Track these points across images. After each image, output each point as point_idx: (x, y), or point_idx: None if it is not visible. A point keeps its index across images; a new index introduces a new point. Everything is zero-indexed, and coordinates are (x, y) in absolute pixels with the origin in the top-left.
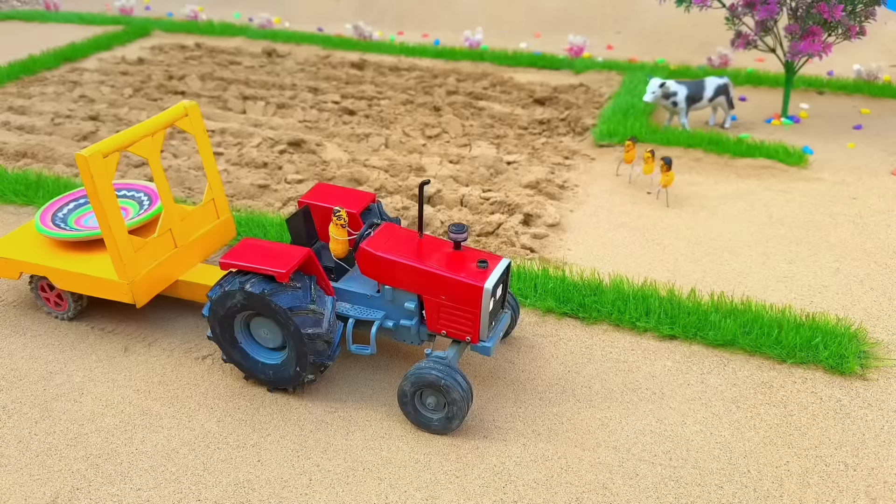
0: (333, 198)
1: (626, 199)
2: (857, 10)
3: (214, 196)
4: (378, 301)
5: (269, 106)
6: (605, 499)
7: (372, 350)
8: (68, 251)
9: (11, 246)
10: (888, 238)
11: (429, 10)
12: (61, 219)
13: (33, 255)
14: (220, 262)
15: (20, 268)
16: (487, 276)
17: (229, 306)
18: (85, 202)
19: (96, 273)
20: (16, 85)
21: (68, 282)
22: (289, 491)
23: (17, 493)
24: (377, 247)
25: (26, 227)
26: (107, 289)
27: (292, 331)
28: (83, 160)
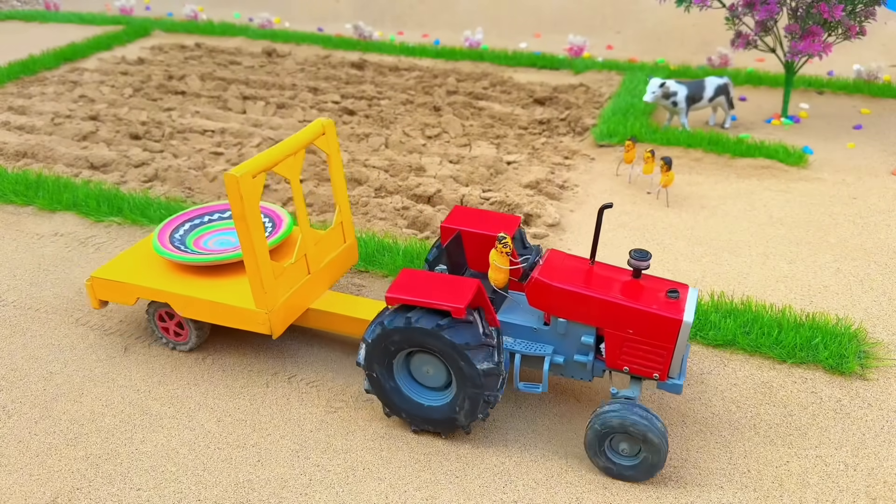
0: (477, 221)
1: (626, 199)
2: (857, 10)
3: (343, 220)
4: (546, 334)
5: (269, 106)
6: (604, 499)
7: (543, 388)
8: (190, 275)
9: (126, 269)
10: (888, 238)
11: (429, 10)
12: (179, 240)
13: (152, 279)
14: (385, 297)
15: (138, 293)
16: (682, 307)
17: (391, 344)
18: (200, 222)
19: (225, 300)
20: (16, 85)
21: (194, 310)
22: (289, 491)
23: (17, 493)
24: (551, 276)
25: (138, 248)
26: (240, 318)
27: (464, 369)
28: (233, 180)
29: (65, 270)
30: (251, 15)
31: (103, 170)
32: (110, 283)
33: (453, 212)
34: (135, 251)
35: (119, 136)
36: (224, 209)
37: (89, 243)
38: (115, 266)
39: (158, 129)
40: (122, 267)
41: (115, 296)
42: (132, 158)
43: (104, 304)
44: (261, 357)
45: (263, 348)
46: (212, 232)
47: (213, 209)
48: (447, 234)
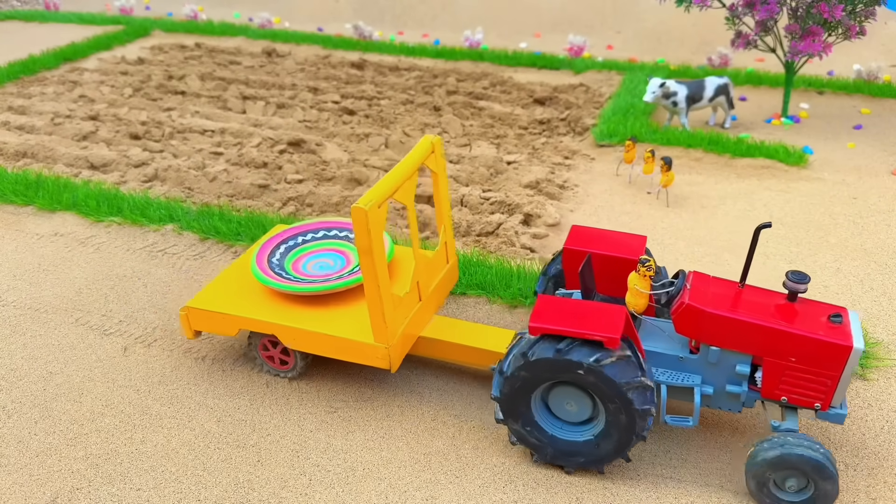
0: (603, 242)
1: (626, 199)
2: (857, 10)
3: (447, 240)
4: (693, 363)
5: (269, 106)
6: (604, 499)
7: (694, 422)
8: (295, 304)
9: (223, 297)
10: (888, 238)
11: (429, 10)
12: (278, 265)
13: (256, 309)
14: (529, 328)
15: (241, 324)
16: (850, 332)
17: (534, 377)
18: (294, 244)
19: (340, 333)
20: (16, 85)
21: (303, 342)
22: (289, 491)
23: (17, 493)
24: (703, 301)
25: (231, 273)
26: (357, 352)
27: (620, 408)
28: (361, 213)
29: (65, 270)
30: (251, 15)
31: (103, 170)
32: (210, 313)
33: (573, 232)
34: (229, 276)
35: (119, 136)
36: (316, 228)
37: (89, 243)
38: (211, 294)
39: (158, 128)
40: (218, 295)
41: (213, 326)
42: (132, 158)
43: (198, 335)
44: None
45: None
46: (307, 254)
47: (304, 229)
48: (572, 257)
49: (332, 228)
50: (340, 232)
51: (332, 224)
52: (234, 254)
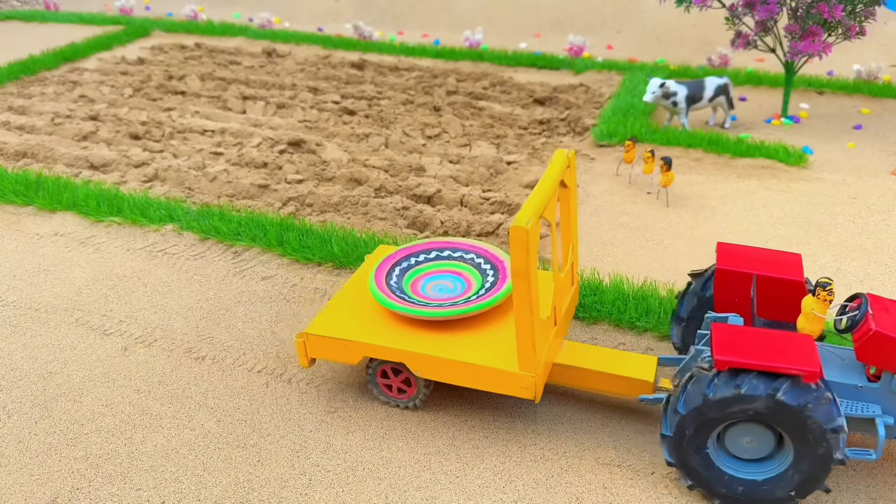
0: (759, 262)
1: (626, 199)
2: (857, 10)
3: (573, 260)
4: (872, 392)
5: (269, 106)
6: (604, 499)
7: (877, 455)
8: (419, 329)
9: (342, 322)
10: (888, 238)
11: (429, 10)
12: (397, 288)
13: (380, 335)
14: (715, 361)
15: (365, 352)
16: None
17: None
18: (407, 266)
19: (477, 360)
20: (16, 85)
21: (435, 370)
22: (289, 491)
23: (17, 493)
24: (891, 328)
25: (345, 297)
26: (498, 381)
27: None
28: (522, 233)
29: (65, 270)
30: (251, 15)
31: (103, 170)
32: (331, 340)
33: (722, 251)
34: (342, 301)
35: (119, 136)
36: (427, 249)
37: (89, 243)
38: (328, 320)
39: (158, 129)
40: (337, 320)
41: (333, 353)
42: (132, 158)
43: (313, 362)
44: (260, 357)
45: (263, 349)
46: (423, 276)
47: (415, 249)
48: (725, 278)
49: (444, 249)
50: (454, 252)
51: (443, 244)
52: (235, 254)
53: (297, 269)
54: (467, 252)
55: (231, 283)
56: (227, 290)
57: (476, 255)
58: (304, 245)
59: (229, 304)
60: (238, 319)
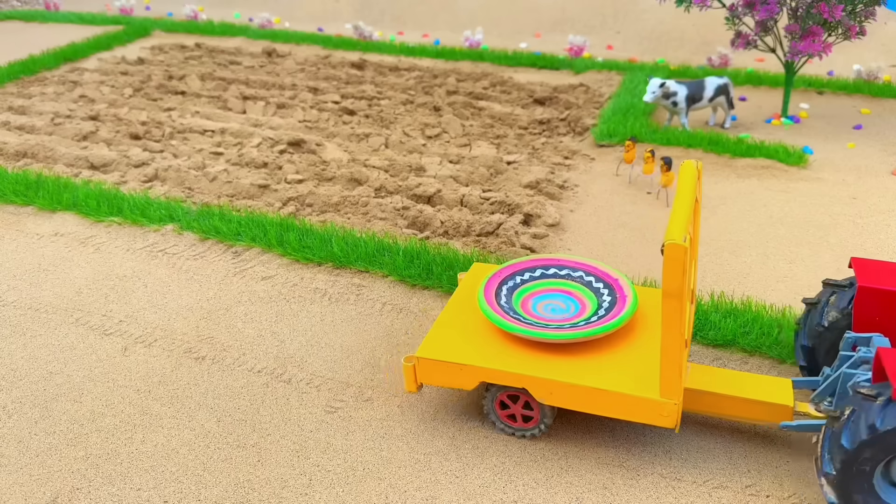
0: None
1: (626, 199)
2: (857, 10)
3: (694, 278)
4: None
5: (269, 106)
6: (604, 499)
7: None
8: (538, 353)
9: (454, 346)
10: (888, 238)
11: (429, 10)
12: (508, 307)
13: (499, 358)
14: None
15: (484, 376)
16: None
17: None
18: (513, 285)
19: (612, 387)
20: (16, 85)
21: (563, 396)
22: (289, 491)
23: (17, 493)
24: None
25: (452, 317)
26: (634, 408)
27: None
28: (679, 251)
29: (65, 270)
30: (251, 15)
31: (103, 170)
32: (445, 365)
33: (859, 267)
34: (448, 322)
35: (119, 136)
36: (531, 266)
37: (89, 243)
38: (438, 342)
39: (158, 129)
40: (447, 343)
41: (447, 379)
42: (132, 158)
43: (421, 387)
44: (260, 357)
45: (263, 349)
46: (531, 296)
47: (519, 267)
48: (868, 296)
49: (550, 266)
50: (560, 270)
51: (548, 262)
52: (235, 254)
53: (297, 268)
54: (574, 269)
55: (231, 283)
56: (227, 290)
57: (584, 272)
58: (304, 245)
59: (229, 304)
60: (238, 319)
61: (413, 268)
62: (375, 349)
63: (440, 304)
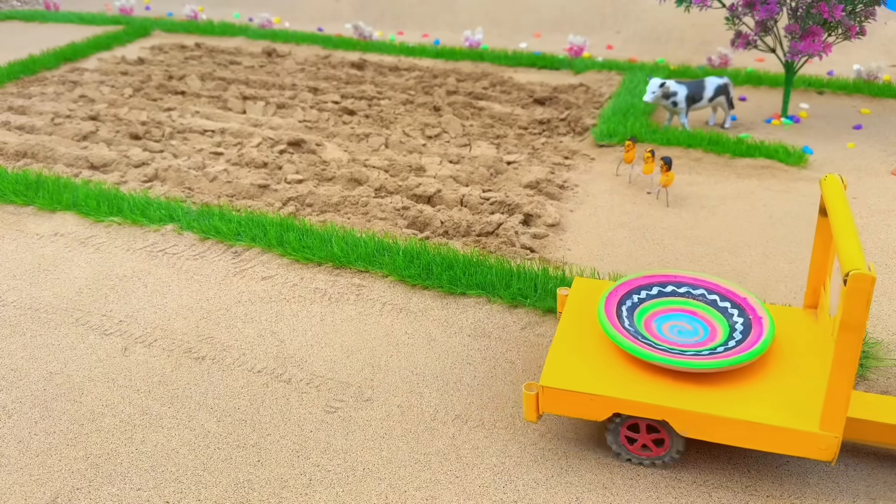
0: None
1: (626, 199)
2: (858, 10)
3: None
4: None
5: (269, 106)
6: (604, 499)
7: None
8: (672, 380)
9: (580, 373)
10: (888, 238)
11: (429, 10)
12: (634, 332)
13: (630, 388)
14: None
15: (617, 407)
16: None
17: None
18: (631, 305)
19: (756, 416)
20: (16, 85)
21: (708, 429)
22: (289, 491)
23: (18, 493)
24: None
25: (570, 338)
26: (789, 441)
27: None
28: (867, 281)
29: (65, 270)
30: (251, 15)
31: (103, 170)
32: (573, 394)
33: None
34: (565, 346)
35: (119, 136)
36: (648, 283)
37: (89, 243)
38: (561, 369)
39: (158, 129)
40: (572, 370)
41: (573, 408)
42: (132, 158)
43: (541, 417)
44: (260, 357)
45: (263, 349)
46: (652, 316)
47: (635, 285)
48: None
49: (667, 283)
50: (679, 287)
51: (665, 278)
52: (235, 254)
53: (297, 268)
54: (695, 287)
55: (231, 283)
56: (227, 290)
57: (706, 290)
58: (304, 245)
59: (229, 303)
60: (238, 319)
61: (413, 268)
62: (375, 349)
63: (440, 303)
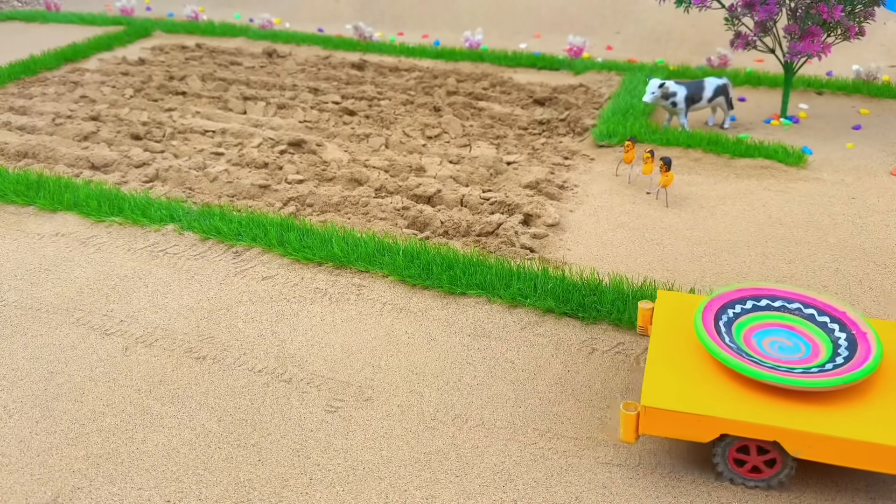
0: None
1: (626, 199)
2: (857, 11)
3: None
4: None
5: (270, 106)
6: (604, 499)
7: None
8: (777, 398)
9: (684, 393)
10: (887, 238)
11: (429, 10)
12: (735, 348)
13: (740, 408)
14: None
15: (727, 428)
16: None
17: None
18: (727, 319)
19: (875, 437)
20: (16, 85)
21: (821, 450)
22: (289, 490)
23: (19, 493)
24: None
25: (661, 358)
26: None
27: None
28: None
29: (66, 270)
30: (252, 15)
31: (104, 170)
32: (678, 415)
33: None
34: (661, 364)
35: (120, 136)
36: (741, 297)
37: (90, 243)
38: (663, 387)
39: (159, 129)
40: (674, 388)
41: (678, 429)
42: (133, 159)
43: (638, 437)
44: (261, 357)
45: (263, 348)
46: (751, 331)
47: (728, 299)
48: None
49: (761, 297)
50: (773, 301)
51: (758, 292)
52: (235, 254)
53: (297, 268)
54: (790, 301)
55: (232, 282)
56: (227, 290)
57: (802, 304)
58: (304, 245)
59: (230, 303)
60: (239, 319)
61: (413, 268)
62: (375, 349)
63: (440, 303)
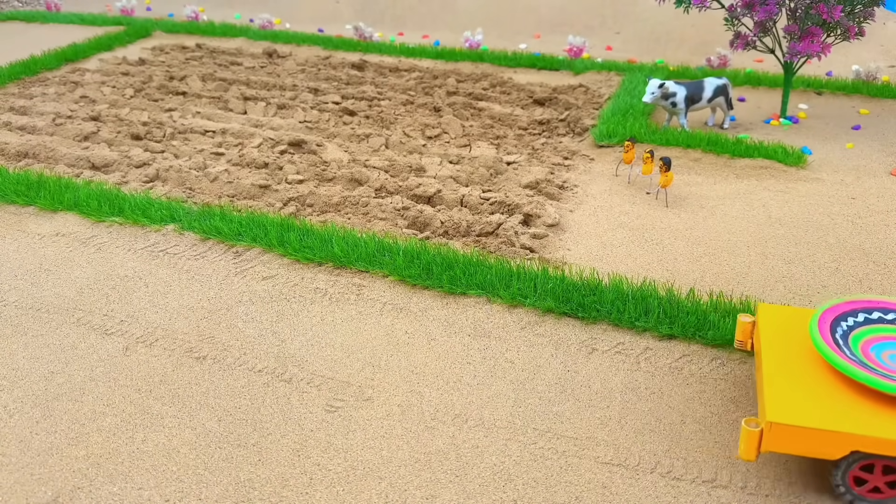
0: None
1: (626, 199)
2: (856, 11)
3: None
4: None
5: (270, 106)
6: (604, 499)
7: None
8: None
9: (811, 408)
10: (887, 238)
11: (429, 10)
12: (855, 359)
13: (872, 423)
14: None
15: (860, 444)
16: None
17: None
18: (842, 332)
19: None
20: (17, 85)
21: None
22: (289, 490)
23: (19, 492)
24: None
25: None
26: None
27: None
28: None
29: (66, 270)
30: (252, 16)
31: (104, 170)
32: (807, 431)
33: None
34: (779, 378)
35: (120, 136)
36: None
37: (90, 243)
38: (788, 403)
39: (159, 129)
40: (800, 404)
41: (805, 446)
42: (133, 159)
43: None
44: (261, 356)
45: (264, 348)
46: (867, 344)
47: (840, 311)
48: None
49: (872, 309)
50: (886, 314)
51: (868, 304)
52: (236, 254)
53: (297, 268)
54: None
55: (232, 282)
56: (228, 290)
57: None
58: (304, 245)
59: (230, 303)
60: (239, 319)
61: (413, 268)
62: (375, 349)
63: (440, 303)
